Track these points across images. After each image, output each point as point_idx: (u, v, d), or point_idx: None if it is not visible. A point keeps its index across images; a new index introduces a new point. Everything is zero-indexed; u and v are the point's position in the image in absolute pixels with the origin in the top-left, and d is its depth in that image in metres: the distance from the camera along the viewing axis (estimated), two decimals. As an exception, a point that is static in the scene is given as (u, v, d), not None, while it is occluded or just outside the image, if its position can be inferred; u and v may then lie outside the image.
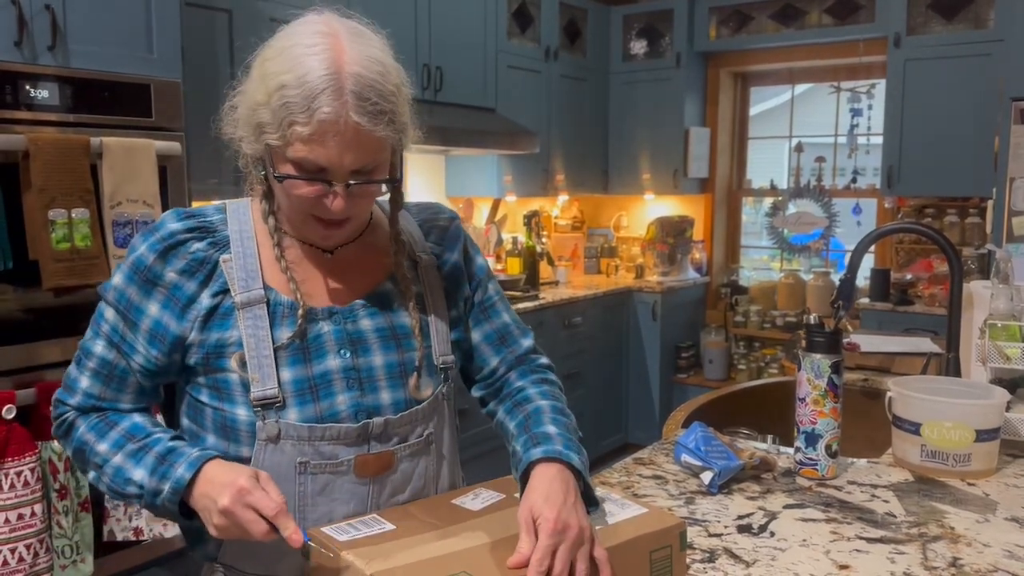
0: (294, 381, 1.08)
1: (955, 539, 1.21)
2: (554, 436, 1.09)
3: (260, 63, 1.04)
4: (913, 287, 4.24)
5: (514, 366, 1.25)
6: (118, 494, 1.08)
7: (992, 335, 1.65)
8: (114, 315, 1.10)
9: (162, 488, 1.02)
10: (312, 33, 1.01)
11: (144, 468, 1.05)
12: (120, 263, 1.13)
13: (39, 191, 2.08)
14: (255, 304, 1.08)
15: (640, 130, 5.04)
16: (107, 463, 1.07)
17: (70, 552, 2.14)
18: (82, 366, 1.12)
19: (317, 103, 0.96)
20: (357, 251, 1.15)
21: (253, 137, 1.03)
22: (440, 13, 3.77)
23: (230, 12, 2.87)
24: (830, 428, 1.45)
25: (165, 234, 1.09)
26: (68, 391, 1.13)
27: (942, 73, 4.06)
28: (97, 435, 1.09)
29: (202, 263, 1.09)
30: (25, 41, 2.12)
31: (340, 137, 0.98)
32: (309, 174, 1.01)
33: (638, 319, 4.76)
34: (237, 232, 1.11)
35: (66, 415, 1.12)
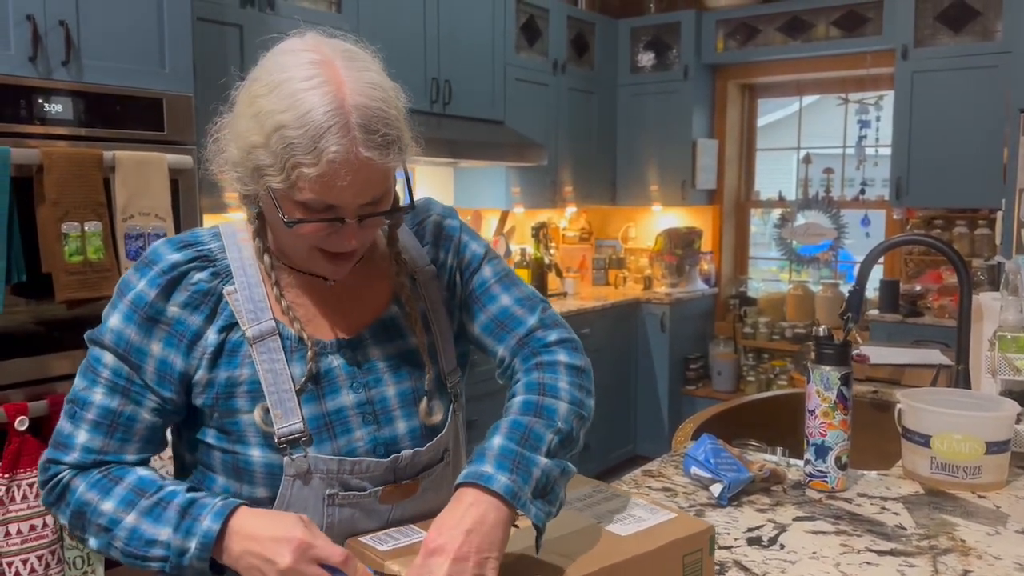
0: (311, 419, 1.03)
1: (966, 552, 1.21)
2: (490, 452, 0.97)
3: (250, 100, 0.95)
4: (923, 298, 4.23)
5: (518, 352, 1.15)
6: (137, 558, 0.96)
7: (1002, 347, 1.65)
8: (113, 359, 1.01)
9: (188, 546, 0.93)
10: (305, 64, 0.93)
11: (167, 525, 0.95)
12: (112, 304, 1.03)
13: (52, 204, 2.10)
14: (268, 337, 1.03)
15: (648, 142, 5.06)
16: (118, 525, 0.96)
17: (81, 563, 2.15)
18: (77, 419, 1.00)
19: (324, 143, 0.90)
20: (358, 277, 1.10)
21: (251, 179, 0.96)
22: (449, 27, 3.79)
23: (241, 27, 2.90)
24: (840, 440, 1.45)
25: (165, 266, 1.02)
26: (61, 449, 1.01)
27: (950, 85, 4.06)
28: (100, 493, 0.98)
29: (206, 295, 1.03)
30: (40, 56, 2.14)
31: (351, 175, 0.92)
32: (318, 214, 0.95)
33: (646, 330, 4.76)
34: (238, 260, 1.05)
35: (60, 476, 1.00)
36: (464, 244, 1.18)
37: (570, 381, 1.10)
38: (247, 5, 2.91)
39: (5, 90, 2.08)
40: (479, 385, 3.66)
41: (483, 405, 3.64)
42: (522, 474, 0.95)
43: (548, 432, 1.01)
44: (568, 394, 1.08)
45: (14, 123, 2.10)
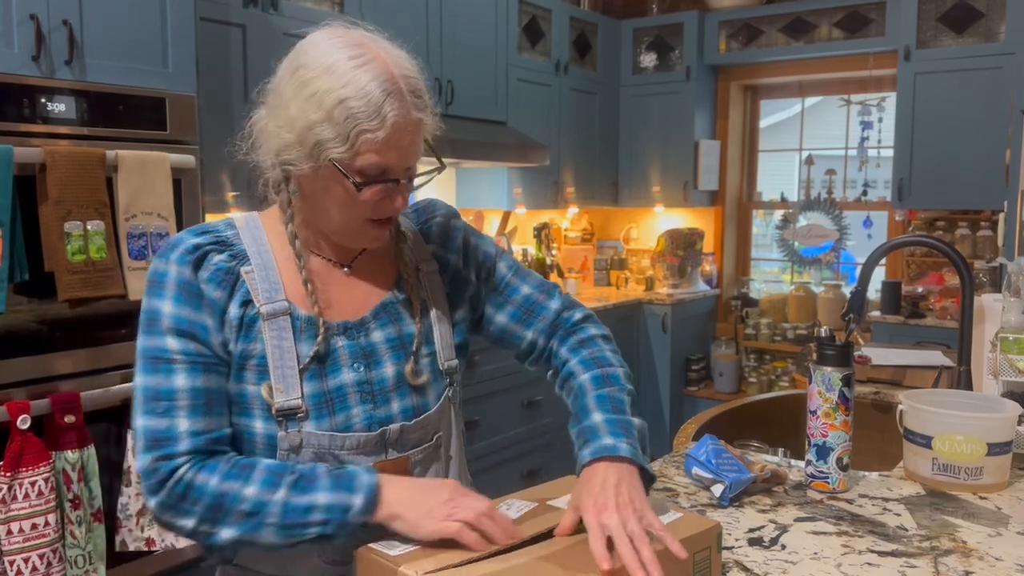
0: (312, 395, 1.08)
1: (967, 553, 1.21)
2: (600, 427, 1.11)
3: (299, 85, 1.04)
4: (924, 300, 4.23)
5: (551, 333, 1.26)
6: (295, 527, 1.00)
7: (1004, 348, 1.65)
8: (179, 342, 1.04)
9: (353, 501, 1.00)
10: (347, 46, 1.04)
11: (323, 490, 1.00)
12: (154, 295, 1.07)
13: (55, 203, 2.11)
14: (279, 316, 1.09)
15: (650, 143, 5.06)
16: (268, 504, 1.00)
17: (83, 562, 2.15)
18: (171, 412, 1.02)
19: (385, 109, 1.01)
20: (368, 264, 1.18)
21: (308, 156, 1.03)
22: (452, 27, 3.80)
23: (244, 27, 2.90)
24: (841, 441, 1.45)
25: (189, 247, 1.08)
26: (165, 445, 1.01)
27: (952, 86, 4.06)
28: (238, 480, 1.01)
29: (227, 273, 1.09)
30: (43, 55, 2.15)
31: (407, 137, 1.03)
32: (374, 179, 1.04)
33: (648, 331, 4.76)
34: (253, 245, 1.12)
35: (178, 473, 1.01)
36: (473, 246, 1.27)
37: (610, 349, 1.25)
38: (250, 5, 2.91)
39: (8, 89, 2.09)
40: (479, 386, 3.66)
41: (483, 406, 3.64)
42: (630, 436, 1.10)
43: (623, 395, 1.17)
44: (616, 359, 1.23)
45: (17, 122, 2.10)
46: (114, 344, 2.32)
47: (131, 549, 2.29)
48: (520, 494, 1.14)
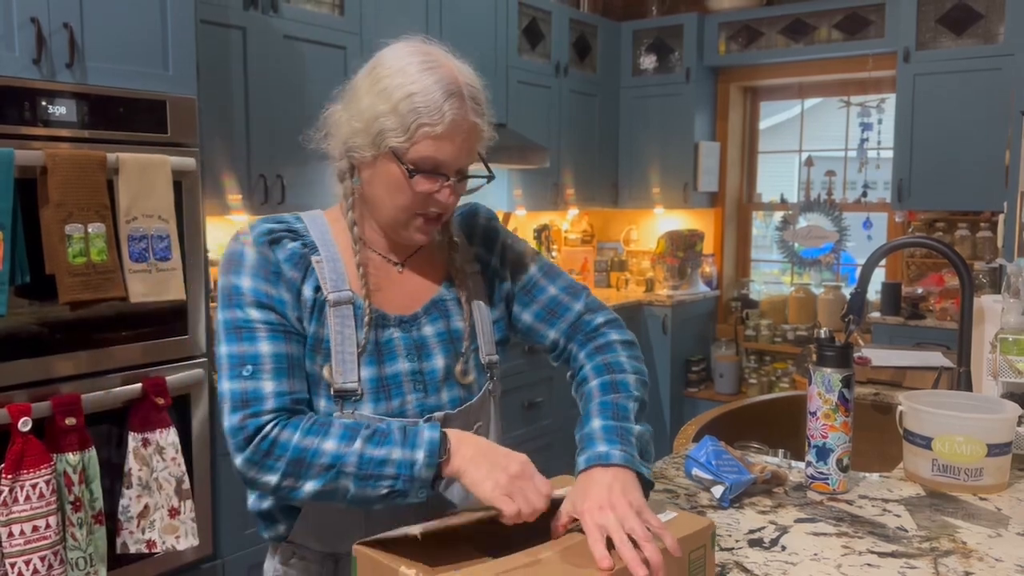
0: (370, 379, 1.18)
1: (967, 554, 1.21)
2: (596, 434, 1.14)
3: (373, 81, 1.14)
4: (924, 301, 4.23)
5: (572, 335, 1.32)
6: (370, 479, 1.06)
7: (1003, 349, 1.65)
8: (260, 313, 1.14)
9: (417, 456, 1.06)
10: (420, 53, 1.15)
11: (393, 444, 1.07)
12: (233, 272, 1.16)
13: (56, 206, 2.11)
14: (343, 304, 1.18)
15: (650, 144, 5.06)
16: (345, 456, 1.07)
17: (84, 564, 2.15)
18: (256, 375, 1.11)
19: (446, 107, 1.11)
20: (420, 264, 1.28)
21: (371, 144, 1.13)
22: (451, 29, 3.80)
23: (244, 29, 2.91)
24: (841, 442, 1.45)
25: (264, 231, 1.18)
26: (254, 403, 1.09)
27: (952, 87, 4.06)
28: (317, 436, 1.08)
29: (301, 259, 1.18)
30: (44, 58, 2.15)
31: (461, 136, 1.13)
32: (427, 170, 1.14)
33: (648, 333, 4.76)
34: (320, 238, 1.21)
35: (264, 431, 1.08)
36: (509, 247, 1.36)
37: (627, 355, 1.28)
38: (250, 7, 2.91)
39: (9, 92, 2.09)
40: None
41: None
42: (627, 443, 1.13)
43: (630, 402, 1.20)
44: (630, 366, 1.27)
45: (18, 125, 2.11)
46: (115, 346, 2.33)
47: (132, 551, 2.29)
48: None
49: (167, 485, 2.34)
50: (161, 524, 2.32)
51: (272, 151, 3.05)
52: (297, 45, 3.08)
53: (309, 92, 3.15)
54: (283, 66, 3.04)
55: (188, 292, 2.43)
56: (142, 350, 2.39)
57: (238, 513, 2.68)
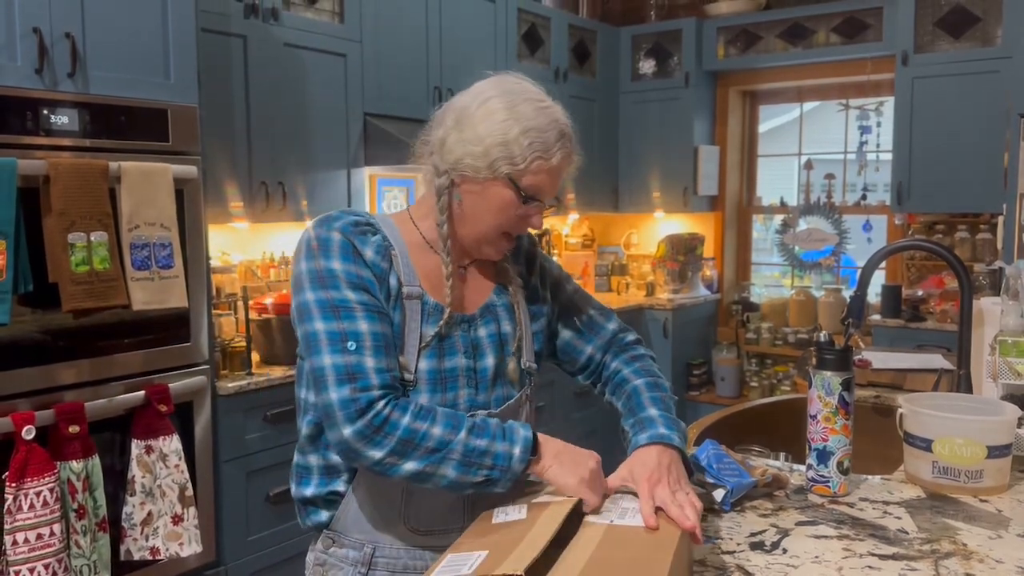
0: (429, 371, 1.26)
1: (968, 556, 1.22)
2: (656, 419, 1.31)
3: (489, 113, 1.23)
4: (924, 303, 4.23)
5: (607, 349, 1.48)
6: (471, 466, 1.15)
7: (1003, 351, 1.65)
8: (356, 293, 1.20)
9: (514, 451, 1.17)
10: (534, 90, 1.27)
11: (493, 438, 1.17)
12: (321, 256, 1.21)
13: (59, 215, 2.12)
14: (414, 298, 1.27)
15: (650, 149, 5.07)
16: (451, 443, 1.15)
17: (88, 571, 2.16)
18: (360, 351, 1.17)
19: (558, 145, 1.25)
20: (479, 268, 1.38)
21: (487, 168, 1.23)
22: (451, 35, 3.82)
23: (245, 38, 2.92)
24: (842, 445, 1.46)
25: (351, 221, 1.25)
26: (361, 377, 1.16)
27: (950, 90, 4.07)
28: (426, 421, 1.16)
29: (385, 250, 1.26)
30: (46, 68, 2.17)
31: (562, 171, 1.28)
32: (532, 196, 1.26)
33: (649, 337, 4.77)
34: (392, 237, 1.29)
35: (377, 407, 1.15)
36: (548, 270, 1.49)
37: (657, 367, 1.49)
38: (251, 16, 2.93)
39: (12, 102, 2.10)
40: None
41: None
42: (678, 430, 1.30)
43: (671, 401, 1.39)
44: (661, 374, 1.47)
45: (21, 134, 2.12)
46: (118, 354, 2.34)
47: (136, 558, 2.30)
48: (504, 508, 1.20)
49: (170, 492, 2.34)
50: (164, 531, 2.33)
51: (273, 158, 3.06)
52: (297, 53, 3.09)
53: (310, 100, 3.16)
54: (284, 74, 3.05)
55: (190, 300, 2.44)
56: (145, 358, 2.40)
57: (241, 519, 2.69)
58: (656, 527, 1.09)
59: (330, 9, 3.27)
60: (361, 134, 3.40)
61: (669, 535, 1.09)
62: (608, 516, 1.15)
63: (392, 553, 1.28)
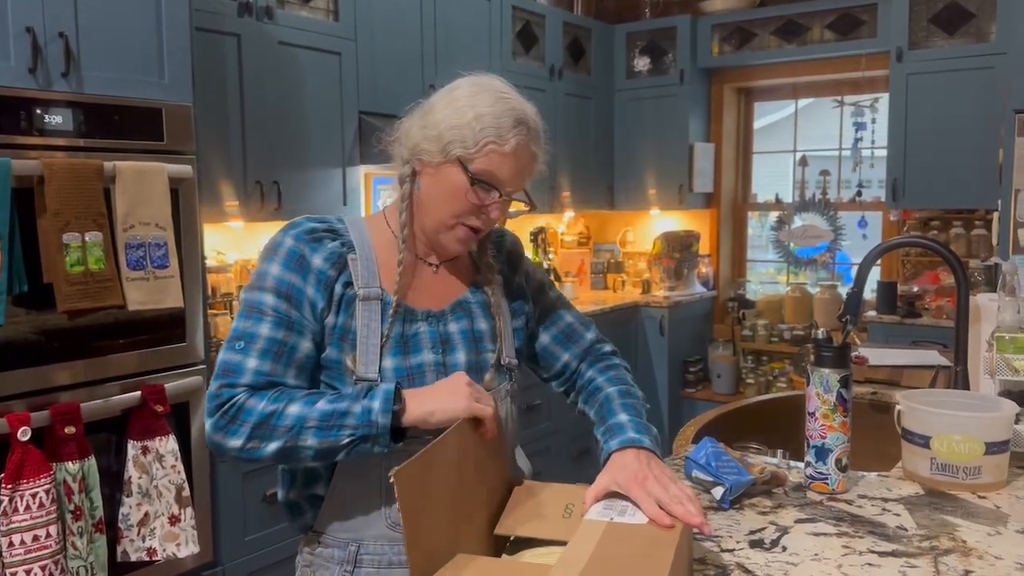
0: (395, 369, 1.27)
1: (966, 552, 1.22)
2: (626, 424, 1.31)
3: (451, 100, 1.26)
4: (920, 299, 4.24)
5: (583, 358, 1.48)
6: (332, 428, 1.16)
7: (1000, 347, 1.66)
8: (275, 299, 1.23)
9: (373, 404, 1.17)
10: (497, 87, 1.28)
11: (350, 400, 1.18)
12: (268, 259, 1.26)
13: (53, 215, 2.11)
14: (372, 300, 1.27)
15: (645, 146, 5.07)
16: (306, 418, 1.17)
17: (85, 573, 2.15)
18: (247, 350, 1.21)
19: (515, 131, 1.24)
20: (452, 268, 1.38)
21: (440, 150, 1.24)
22: (445, 33, 3.81)
23: (239, 36, 2.91)
24: (840, 442, 1.46)
25: (307, 229, 1.28)
26: (233, 375, 1.19)
27: (945, 86, 4.08)
28: (282, 402, 1.18)
29: (339, 258, 1.27)
30: (39, 68, 2.15)
31: (522, 161, 1.26)
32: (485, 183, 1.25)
33: (645, 334, 4.77)
34: (358, 239, 1.31)
35: (235, 398, 1.18)
36: (533, 272, 1.50)
37: (631, 377, 1.47)
38: (245, 15, 2.91)
39: (5, 102, 2.09)
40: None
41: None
42: (650, 435, 1.30)
43: (643, 408, 1.39)
44: (634, 383, 1.46)
45: (14, 134, 2.11)
46: (113, 355, 2.33)
47: (133, 559, 2.29)
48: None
49: (167, 493, 2.33)
50: (161, 532, 2.32)
51: (268, 157, 3.05)
52: (292, 51, 3.08)
53: (305, 98, 3.15)
54: (278, 73, 3.04)
55: (186, 299, 2.43)
56: (140, 358, 2.39)
57: (238, 520, 2.68)
58: (671, 524, 1.10)
59: (324, 7, 3.26)
60: (356, 132, 3.39)
61: (670, 532, 1.09)
62: (608, 514, 1.14)
63: (376, 550, 1.28)
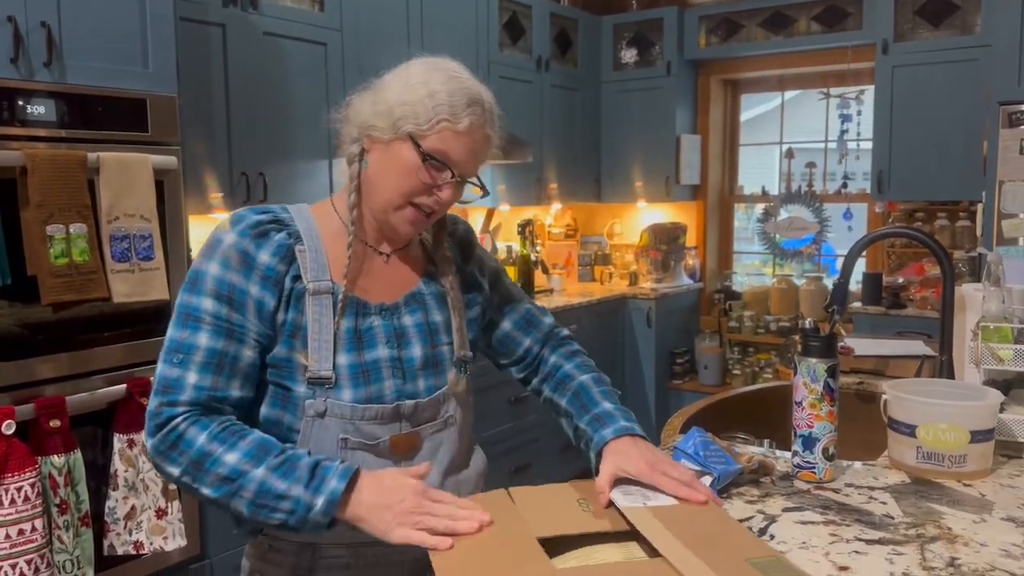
0: (349, 365, 1.21)
1: (952, 539, 1.23)
2: (614, 413, 1.32)
3: (405, 76, 1.23)
4: (905, 291, 4.27)
5: (544, 343, 1.47)
6: (264, 508, 1.09)
7: (985, 337, 1.67)
8: (214, 304, 1.15)
9: (315, 503, 1.08)
10: (452, 67, 1.24)
11: (298, 482, 1.08)
12: (206, 257, 1.18)
13: (37, 207, 2.09)
14: (323, 293, 1.21)
15: (632, 138, 5.08)
16: (245, 477, 1.09)
17: (71, 567, 2.14)
18: (186, 363, 1.13)
19: (468, 111, 1.20)
20: (404, 257, 1.33)
21: (391, 127, 1.20)
22: (431, 23, 3.79)
23: (224, 26, 2.89)
24: (827, 431, 1.47)
25: (252, 223, 1.21)
26: (172, 391, 1.12)
27: (930, 79, 4.10)
28: (223, 445, 1.10)
29: (287, 250, 1.21)
30: (21, 58, 2.13)
31: (476, 142, 1.22)
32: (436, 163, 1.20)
33: (633, 326, 4.78)
34: (305, 230, 1.24)
35: (175, 422, 1.11)
36: (486, 260, 1.46)
37: (592, 363, 1.48)
38: (229, 4, 2.89)
39: (-13, 92, 2.07)
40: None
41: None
42: (635, 421, 1.33)
43: (614, 392, 1.41)
44: (599, 369, 1.47)
45: (-3, 125, 2.09)
46: (98, 347, 2.31)
47: (119, 553, 2.28)
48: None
49: (153, 486, 2.32)
50: (148, 525, 2.31)
51: (254, 148, 3.03)
52: (277, 42, 3.06)
53: (290, 89, 3.13)
54: (263, 63, 3.02)
55: (171, 291, 2.41)
56: (126, 350, 2.38)
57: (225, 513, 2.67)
58: (705, 500, 1.18)
59: (310, -2, 3.24)
60: (342, 124, 3.37)
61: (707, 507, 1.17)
62: (636, 500, 1.17)
63: (333, 552, 1.22)
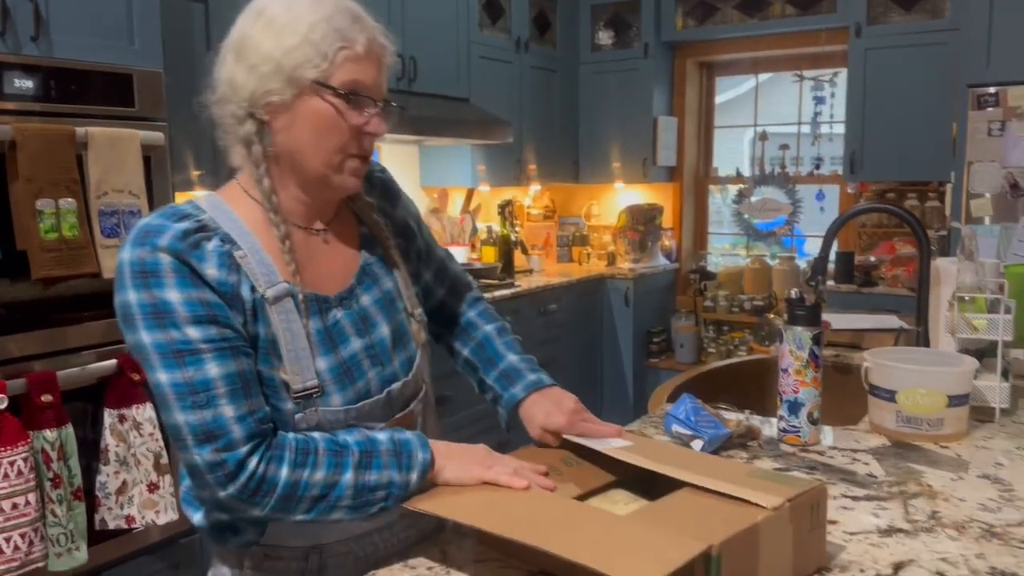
0: (330, 369, 1.10)
1: (933, 495, 1.30)
2: (520, 366, 1.35)
3: (267, 24, 1.06)
4: (876, 269, 4.37)
5: (453, 293, 1.43)
6: (364, 505, 1.06)
7: (961, 308, 1.74)
8: (199, 329, 1.00)
9: (411, 478, 1.08)
10: None
11: (387, 469, 1.07)
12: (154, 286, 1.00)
13: (26, 181, 2.08)
14: (283, 298, 1.07)
15: (610, 120, 5.12)
16: (337, 487, 1.04)
17: (65, 540, 2.15)
18: (212, 401, 0.99)
19: (357, 27, 1.06)
20: (338, 229, 1.19)
21: (287, 84, 1.04)
22: (413, 3, 3.79)
23: (207, 3, 2.87)
24: (812, 397, 1.53)
25: (178, 233, 1.02)
26: (219, 436, 0.99)
27: (901, 62, 4.19)
28: (305, 468, 1.03)
29: (229, 258, 1.05)
30: (8, 32, 2.12)
31: (378, 56, 1.10)
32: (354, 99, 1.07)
33: (611, 305, 4.84)
34: (232, 228, 1.07)
35: (249, 467, 1.00)
36: (408, 203, 1.36)
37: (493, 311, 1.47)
38: (213, -19, 2.88)
39: (-26, 66, 2.06)
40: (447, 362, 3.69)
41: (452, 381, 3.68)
42: (541, 370, 1.36)
43: (518, 341, 1.42)
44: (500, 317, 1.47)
45: (-16, 99, 2.08)
46: (89, 323, 2.31)
47: (111, 527, 2.29)
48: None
49: (145, 460, 2.34)
50: (140, 499, 2.33)
51: (238, 126, 3.02)
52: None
53: (273, 67, 3.12)
54: (247, 40, 3.00)
55: (160, 268, 2.41)
56: (116, 326, 2.37)
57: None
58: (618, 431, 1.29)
59: (292, -25, 3.22)
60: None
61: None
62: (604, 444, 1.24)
63: (341, 549, 1.14)
